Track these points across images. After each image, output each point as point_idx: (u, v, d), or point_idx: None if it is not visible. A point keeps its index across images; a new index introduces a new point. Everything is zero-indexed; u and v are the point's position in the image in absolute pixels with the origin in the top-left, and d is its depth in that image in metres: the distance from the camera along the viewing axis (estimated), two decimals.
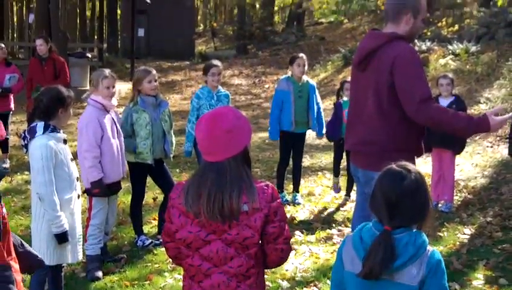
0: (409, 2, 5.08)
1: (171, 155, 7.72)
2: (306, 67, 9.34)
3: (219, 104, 8.32)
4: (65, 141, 5.50)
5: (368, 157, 5.13)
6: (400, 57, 4.88)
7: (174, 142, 7.76)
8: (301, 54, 9.48)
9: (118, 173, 6.82)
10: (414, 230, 3.17)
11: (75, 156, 6.02)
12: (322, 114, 9.56)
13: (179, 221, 3.37)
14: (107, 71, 7.01)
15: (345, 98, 9.16)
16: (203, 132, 3.32)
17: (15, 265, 3.54)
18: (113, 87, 6.85)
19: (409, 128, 5.01)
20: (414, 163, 4.66)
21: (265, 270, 3.60)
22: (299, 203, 9.35)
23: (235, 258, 3.32)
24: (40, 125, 5.31)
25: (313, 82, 9.69)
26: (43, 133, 5.30)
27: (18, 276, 3.53)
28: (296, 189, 9.70)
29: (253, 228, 3.28)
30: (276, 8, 47.56)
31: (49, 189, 5.28)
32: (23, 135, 5.43)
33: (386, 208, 3.14)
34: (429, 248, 3.17)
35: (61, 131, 5.49)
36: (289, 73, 9.43)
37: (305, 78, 9.37)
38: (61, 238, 5.41)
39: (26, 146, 5.41)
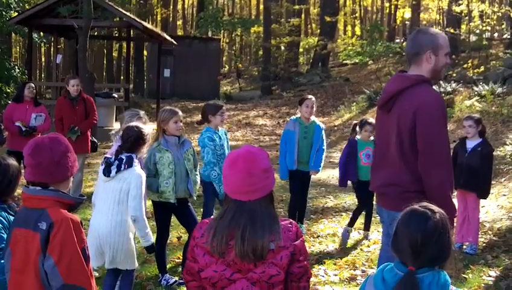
0: (426, 41, 5.10)
1: (195, 194, 7.74)
2: (314, 109, 9.60)
3: (224, 142, 8.41)
4: None
5: (391, 199, 5.13)
6: (423, 110, 4.87)
7: (198, 181, 7.79)
8: (310, 96, 9.80)
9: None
10: (437, 269, 3.17)
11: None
12: (323, 154, 9.79)
13: (204, 260, 3.37)
14: (141, 112, 7.52)
15: (358, 137, 9.48)
16: (241, 172, 3.31)
17: (95, 287, 3.82)
18: None
19: None
20: None
21: None
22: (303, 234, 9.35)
23: None
24: (134, 157, 6.16)
25: (321, 124, 9.88)
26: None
27: None
28: (300, 221, 9.87)
29: (279, 266, 3.29)
30: (301, 50, 47.83)
31: (143, 211, 6.12)
32: (113, 161, 6.12)
33: (410, 249, 3.12)
34: (452, 287, 3.16)
35: None
36: (298, 114, 9.68)
37: (313, 118, 9.60)
38: (151, 249, 6.34)
39: (112, 172, 6.10)
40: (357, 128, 9.68)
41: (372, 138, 9.33)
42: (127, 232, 6.15)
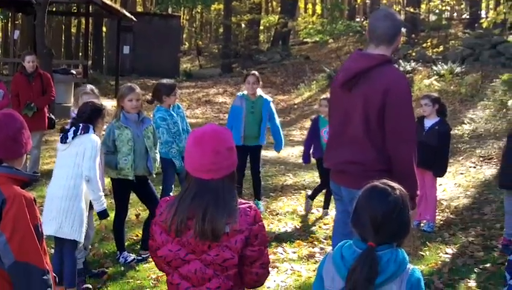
0: (399, 22, 5.20)
1: (154, 172, 7.69)
2: (260, 84, 9.68)
3: (178, 118, 8.42)
4: None
5: (353, 177, 5.12)
6: (393, 90, 4.94)
7: (158, 159, 7.74)
8: (253, 72, 9.87)
9: None
10: (395, 247, 3.17)
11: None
12: (280, 129, 9.90)
13: (160, 238, 3.34)
14: (88, 87, 7.25)
15: (322, 115, 9.43)
16: (207, 149, 3.24)
17: (49, 264, 3.73)
18: None
19: None
20: None
21: None
22: (260, 211, 9.31)
23: (213, 279, 3.30)
24: (91, 127, 6.31)
25: (269, 98, 9.92)
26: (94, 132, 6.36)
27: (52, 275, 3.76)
28: (257, 197, 10.00)
29: (233, 250, 3.25)
30: (261, 28, 47.72)
31: (95, 173, 6.21)
32: (70, 129, 6.26)
33: (371, 225, 3.13)
34: (410, 265, 3.18)
35: None
36: (244, 90, 9.74)
37: (259, 93, 9.64)
38: (103, 214, 6.46)
39: (69, 138, 6.23)
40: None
41: None
42: (79, 198, 6.17)
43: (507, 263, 3.49)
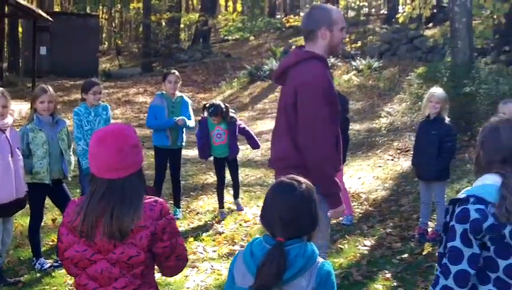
0: (320, 18, 5.06)
1: (69, 175, 7.55)
2: (179, 84, 9.49)
3: (97, 118, 8.29)
4: None
5: (280, 174, 5.11)
6: (302, 87, 4.85)
7: (72, 161, 7.61)
8: (173, 71, 9.67)
9: (9, 194, 6.55)
10: (305, 241, 3.17)
11: None
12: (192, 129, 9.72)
13: (67, 240, 3.28)
14: None
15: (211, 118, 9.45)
16: (110, 148, 3.19)
17: None
18: (5, 106, 6.62)
19: None
20: None
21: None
22: (178, 219, 9.29)
23: (120, 279, 3.25)
24: None
25: (188, 99, 9.74)
26: None
27: None
28: (176, 204, 9.71)
29: (138, 246, 3.20)
30: (182, 26, 47.55)
31: None
32: None
33: (278, 220, 3.13)
34: (319, 259, 3.17)
35: None
36: (163, 89, 9.52)
37: (179, 94, 9.47)
38: None
39: None
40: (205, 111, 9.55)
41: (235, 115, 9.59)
42: None
43: (438, 255, 3.54)
